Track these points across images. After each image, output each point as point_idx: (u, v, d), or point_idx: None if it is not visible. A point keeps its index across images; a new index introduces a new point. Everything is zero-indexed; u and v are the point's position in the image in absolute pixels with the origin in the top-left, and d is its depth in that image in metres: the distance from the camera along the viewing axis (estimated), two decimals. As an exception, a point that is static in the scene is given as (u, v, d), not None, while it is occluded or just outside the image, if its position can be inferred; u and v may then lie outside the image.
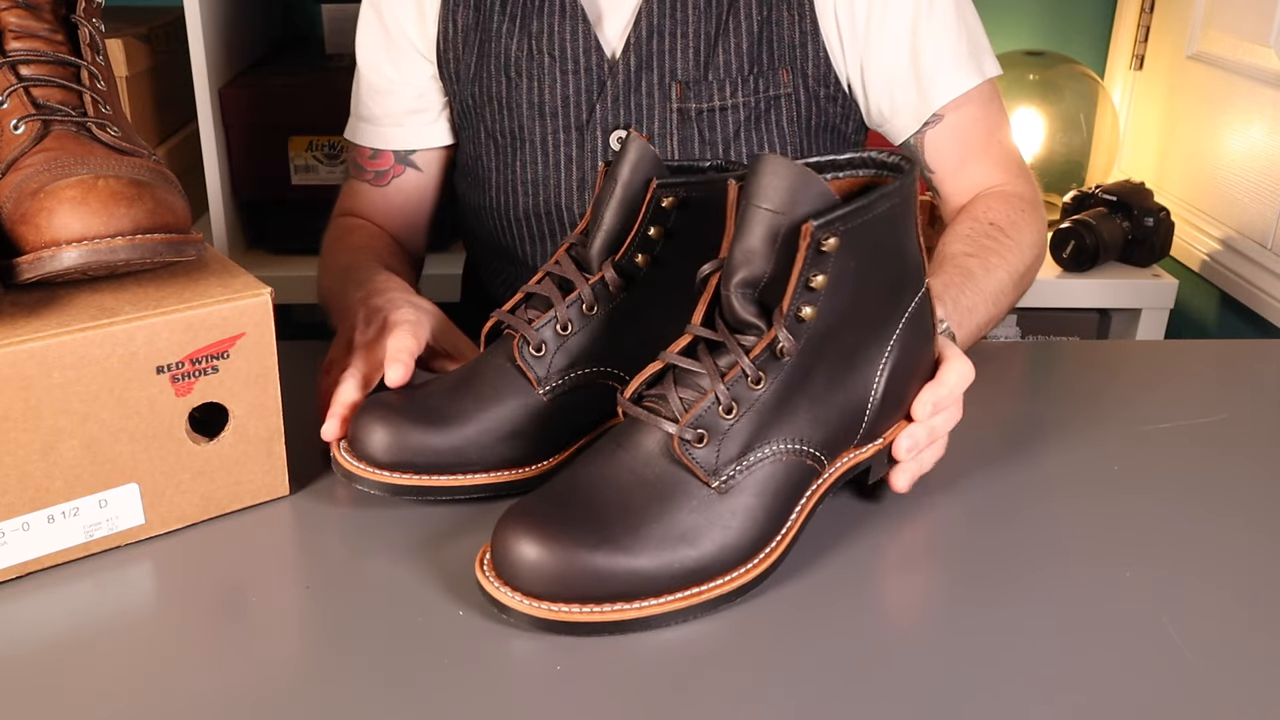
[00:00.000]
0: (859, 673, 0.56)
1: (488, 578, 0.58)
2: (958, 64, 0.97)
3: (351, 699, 0.53)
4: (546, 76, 0.99)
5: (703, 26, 0.97)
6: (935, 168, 1.01)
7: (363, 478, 0.66)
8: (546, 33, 0.98)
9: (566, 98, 0.99)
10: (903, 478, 0.68)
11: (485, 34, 1.01)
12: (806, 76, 0.98)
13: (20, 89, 0.65)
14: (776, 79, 0.98)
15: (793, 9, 0.97)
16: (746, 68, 0.97)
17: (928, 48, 0.96)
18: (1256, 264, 1.60)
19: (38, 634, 0.58)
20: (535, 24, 0.99)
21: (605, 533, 0.57)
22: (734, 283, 0.60)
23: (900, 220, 0.63)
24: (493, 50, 1.01)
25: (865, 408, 0.64)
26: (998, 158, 1.00)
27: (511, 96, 1.01)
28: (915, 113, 0.98)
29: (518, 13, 1.00)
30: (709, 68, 0.97)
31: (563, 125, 1.00)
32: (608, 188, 0.71)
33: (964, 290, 0.84)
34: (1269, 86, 1.58)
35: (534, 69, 0.99)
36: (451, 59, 1.03)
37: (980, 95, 0.99)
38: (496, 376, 0.69)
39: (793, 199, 0.58)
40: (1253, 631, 0.60)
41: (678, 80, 0.97)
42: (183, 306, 0.62)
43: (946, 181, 1.01)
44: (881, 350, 0.64)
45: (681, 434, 0.59)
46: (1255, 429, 0.82)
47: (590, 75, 0.99)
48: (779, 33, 0.97)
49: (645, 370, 0.62)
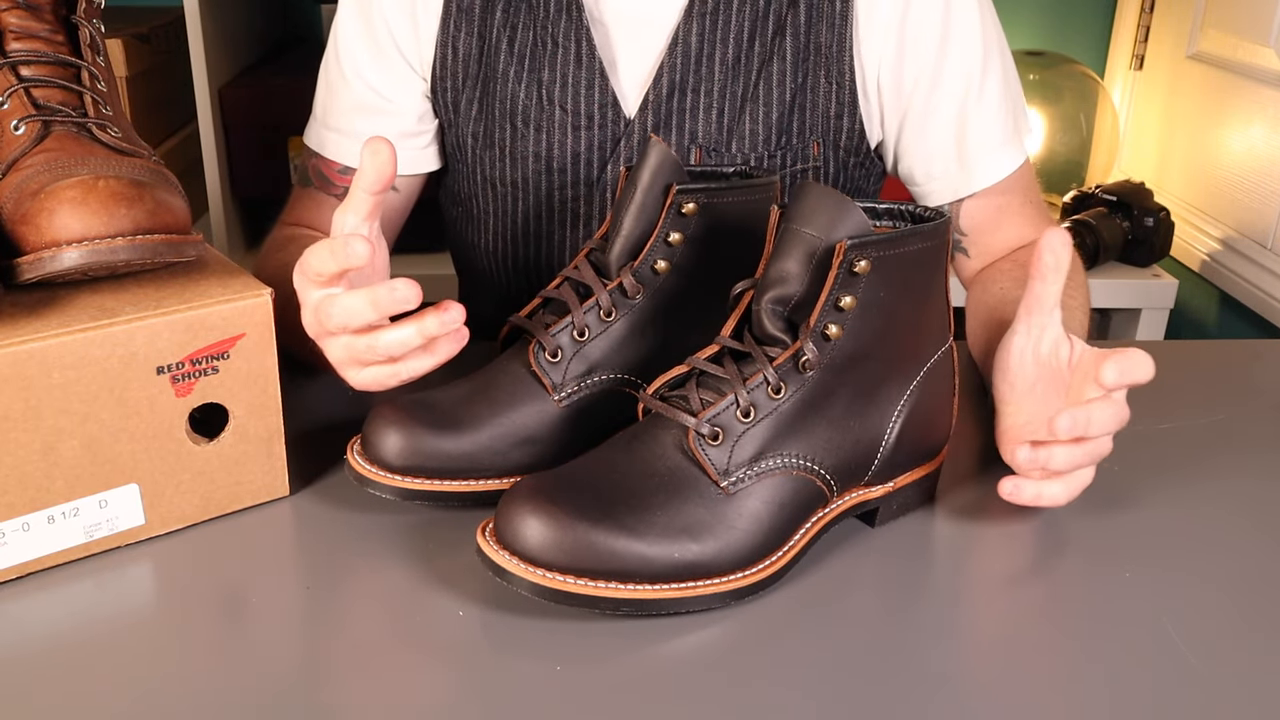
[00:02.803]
0: (859, 674, 0.56)
1: (489, 543, 0.58)
2: (1005, 144, 0.93)
3: (351, 699, 0.53)
4: (556, 130, 0.92)
5: (729, 86, 0.90)
6: (969, 231, 0.96)
7: (375, 482, 0.66)
8: (559, 83, 0.91)
9: (578, 154, 0.93)
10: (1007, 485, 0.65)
11: (489, 72, 0.93)
12: (839, 148, 0.93)
13: (20, 89, 0.65)
14: (806, 153, 0.92)
15: (831, 76, 0.90)
16: (774, 140, 0.91)
17: (975, 129, 0.92)
18: (1256, 264, 1.60)
19: (38, 634, 0.58)
20: (546, 72, 0.91)
21: (611, 512, 0.57)
22: (766, 299, 0.61)
23: (931, 263, 0.64)
24: (497, 93, 0.93)
25: (879, 446, 0.65)
26: (1031, 217, 0.96)
27: (516, 147, 0.94)
28: (954, 187, 0.94)
29: (526, 54, 0.92)
30: (733, 135, 0.91)
31: (570, 181, 0.94)
32: (628, 193, 0.70)
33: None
34: (1269, 86, 1.58)
35: (543, 121, 0.92)
36: (449, 88, 0.95)
37: (1021, 166, 0.95)
38: (512, 382, 0.69)
39: (831, 224, 0.60)
40: (1253, 631, 0.60)
41: (698, 144, 0.91)
42: (183, 307, 0.62)
43: (978, 244, 0.96)
44: (901, 392, 0.65)
45: (698, 428, 0.59)
46: (1255, 429, 0.82)
47: (604, 131, 0.92)
48: (813, 101, 0.91)
49: (670, 372, 0.63)
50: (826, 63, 0.90)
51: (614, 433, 0.64)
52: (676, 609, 0.58)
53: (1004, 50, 0.94)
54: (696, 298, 0.71)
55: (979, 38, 0.91)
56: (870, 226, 0.61)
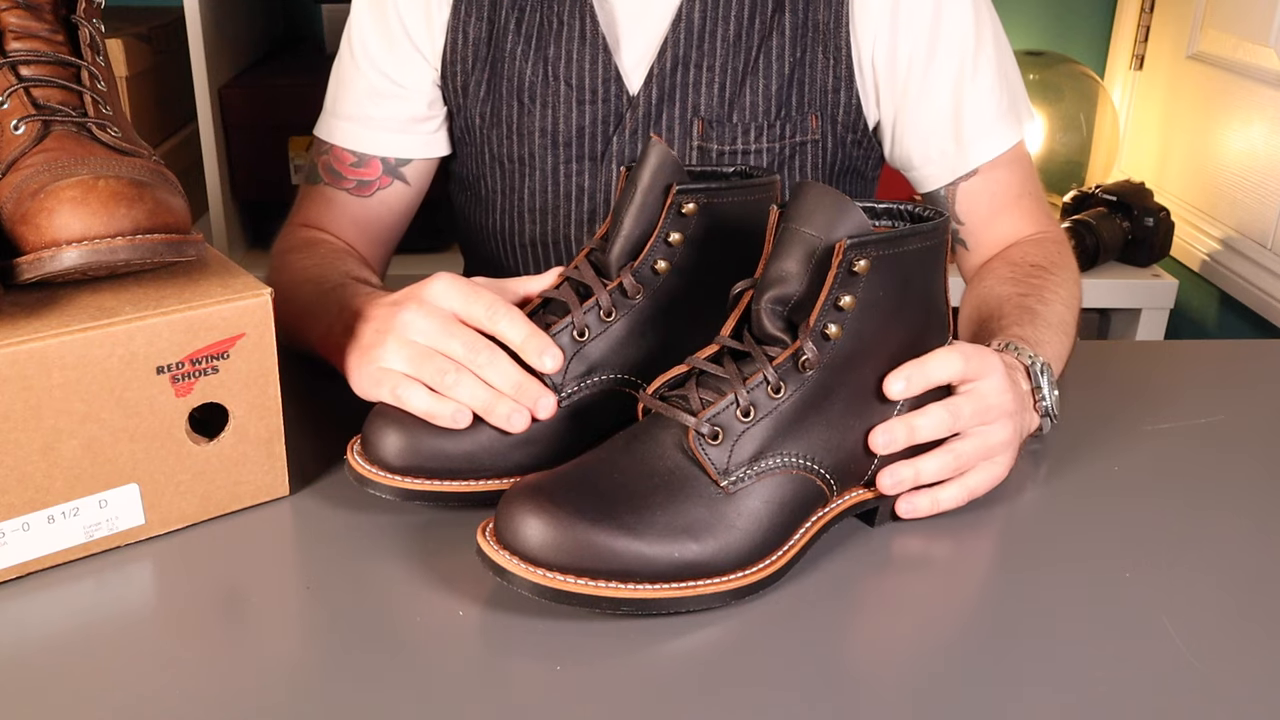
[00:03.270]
0: (859, 675, 0.56)
1: (489, 543, 0.58)
2: (999, 121, 0.94)
3: (351, 699, 0.53)
4: (562, 105, 0.95)
5: (730, 62, 0.93)
6: (965, 219, 0.97)
7: (376, 482, 0.66)
8: (564, 59, 0.94)
9: (582, 128, 0.95)
10: (902, 505, 0.67)
11: (498, 52, 0.96)
12: (836, 122, 0.95)
13: (20, 89, 0.65)
14: (805, 125, 0.94)
15: (828, 52, 0.93)
16: (774, 111, 0.93)
17: (970, 104, 0.93)
18: (1256, 264, 1.60)
19: (38, 634, 0.58)
20: (552, 49, 0.94)
21: (611, 511, 0.57)
22: (765, 299, 0.61)
23: (930, 263, 0.64)
24: (505, 72, 0.96)
25: None
26: (1029, 209, 0.97)
27: (523, 123, 0.96)
28: (951, 167, 0.95)
29: (533, 34, 0.95)
30: (734, 108, 0.94)
31: (575, 155, 0.96)
32: (628, 193, 0.70)
33: (1033, 325, 0.80)
34: (1269, 86, 1.58)
35: (549, 96, 0.95)
36: (459, 72, 0.97)
37: (1016, 147, 0.96)
38: None
39: (831, 224, 0.60)
40: (1252, 631, 0.60)
41: (700, 116, 0.94)
42: (183, 307, 0.62)
43: (976, 233, 0.97)
44: None
45: (698, 428, 0.59)
46: (1255, 429, 0.82)
47: (608, 106, 0.95)
48: (811, 75, 0.93)
49: (670, 372, 0.63)
50: (824, 38, 0.93)
51: (614, 433, 0.64)
52: (676, 609, 0.58)
53: (998, 31, 0.96)
54: (696, 298, 0.71)
55: (971, 18, 0.93)
56: (870, 226, 0.61)
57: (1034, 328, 0.80)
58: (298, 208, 1.02)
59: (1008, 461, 0.69)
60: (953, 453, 0.67)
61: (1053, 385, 0.75)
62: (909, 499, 0.67)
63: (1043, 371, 0.74)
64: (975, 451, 0.67)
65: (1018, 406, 0.69)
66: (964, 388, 0.67)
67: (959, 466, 0.67)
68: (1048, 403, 0.74)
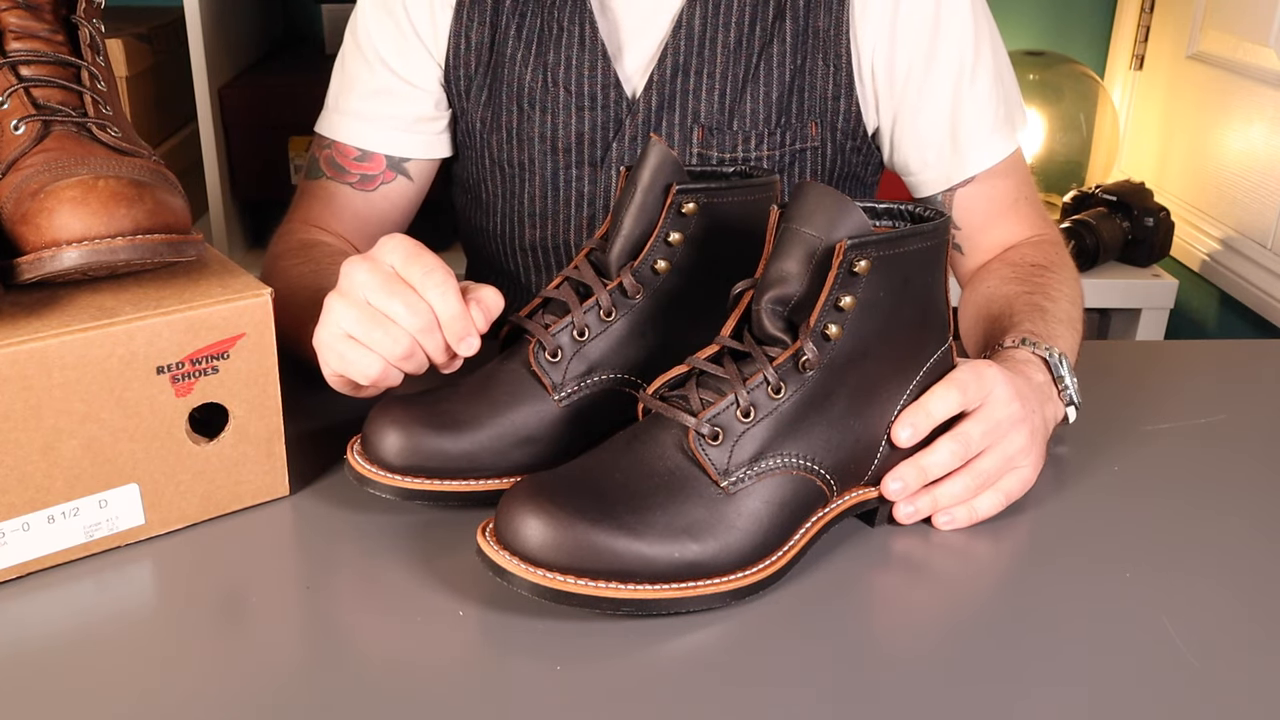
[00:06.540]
0: (859, 675, 0.56)
1: (489, 543, 0.58)
2: (996, 130, 0.94)
3: (351, 699, 0.53)
4: (562, 112, 0.95)
5: (730, 69, 0.93)
6: (962, 224, 0.97)
7: (376, 482, 0.66)
8: (564, 65, 0.94)
9: (581, 134, 0.95)
10: (901, 511, 0.67)
11: (499, 57, 0.96)
12: (835, 130, 0.95)
13: (20, 89, 0.65)
14: (804, 132, 0.94)
15: (829, 60, 0.93)
16: (774, 119, 0.93)
17: (967, 113, 0.94)
18: (1256, 264, 1.60)
19: (38, 634, 0.58)
20: (552, 55, 0.94)
21: (611, 511, 0.57)
22: (765, 299, 0.61)
23: (931, 263, 0.64)
24: (505, 77, 0.96)
25: (878, 446, 0.65)
26: (1024, 214, 0.97)
27: (523, 128, 0.96)
28: (947, 174, 0.95)
29: (533, 40, 0.95)
30: (734, 115, 0.93)
31: (575, 161, 0.96)
32: (628, 193, 0.70)
33: (1044, 321, 0.80)
34: (1269, 86, 1.58)
35: (549, 102, 0.95)
36: (461, 75, 0.98)
37: (1013, 154, 0.96)
38: (512, 381, 0.69)
39: (831, 224, 0.60)
40: (1253, 631, 0.60)
41: (700, 123, 0.94)
42: (183, 307, 0.62)
43: (972, 238, 0.97)
44: (900, 392, 0.65)
45: (698, 428, 0.59)
46: (1255, 429, 0.82)
47: (608, 112, 0.95)
48: (811, 83, 0.93)
49: (670, 372, 0.63)
50: (824, 46, 0.93)
51: (614, 433, 0.64)
52: (676, 609, 0.58)
53: (995, 40, 0.96)
54: (696, 298, 0.71)
55: (970, 26, 0.93)
56: (870, 226, 0.61)
57: (1045, 323, 0.80)
58: (296, 204, 1.01)
59: (1035, 463, 0.69)
60: (972, 473, 0.67)
61: (1073, 374, 0.75)
62: (950, 513, 0.67)
63: (1061, 362, 0.75)
64: (996, 467, 0.68)
65: (1029, 409, 0.69)
66: (970, 411, 0.67)
67: (981, 486, 0.68)
68: (1071, 391, 0.75)
